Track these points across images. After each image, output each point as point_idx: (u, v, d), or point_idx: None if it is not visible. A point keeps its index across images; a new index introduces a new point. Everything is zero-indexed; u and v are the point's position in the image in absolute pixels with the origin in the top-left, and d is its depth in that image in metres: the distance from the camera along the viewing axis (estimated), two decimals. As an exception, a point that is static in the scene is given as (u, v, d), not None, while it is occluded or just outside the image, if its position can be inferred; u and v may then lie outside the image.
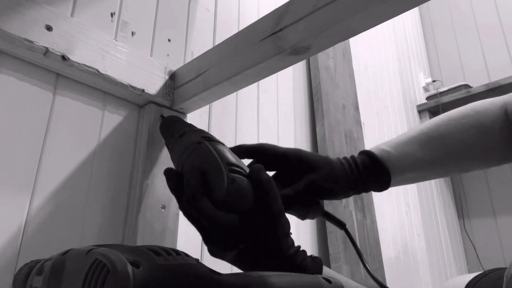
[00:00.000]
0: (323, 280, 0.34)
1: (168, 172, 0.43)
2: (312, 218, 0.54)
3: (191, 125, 0.54)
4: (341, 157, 0.55)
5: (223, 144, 0.47)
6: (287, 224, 0.41)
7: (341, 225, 0.54)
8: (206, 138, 0.46)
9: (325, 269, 0.42)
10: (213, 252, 0.42)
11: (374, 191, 0.54)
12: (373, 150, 0.54)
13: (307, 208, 0.52)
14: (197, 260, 0.30)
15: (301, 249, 0.41)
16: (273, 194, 0.40)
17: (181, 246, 0.68)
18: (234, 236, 0.39)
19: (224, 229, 0.38)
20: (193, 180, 0.40)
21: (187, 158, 0.44)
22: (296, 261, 0.40)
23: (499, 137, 0.52)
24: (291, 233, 0.41)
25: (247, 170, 0.43)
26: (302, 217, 0.53)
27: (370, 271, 0.48)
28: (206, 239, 0.41)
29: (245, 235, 0.39)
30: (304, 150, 0.53)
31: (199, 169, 0.41)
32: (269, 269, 0.38)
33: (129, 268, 0.24)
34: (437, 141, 0.53)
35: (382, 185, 0.53)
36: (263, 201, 0.39)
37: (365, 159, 0.53)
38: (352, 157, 0.54)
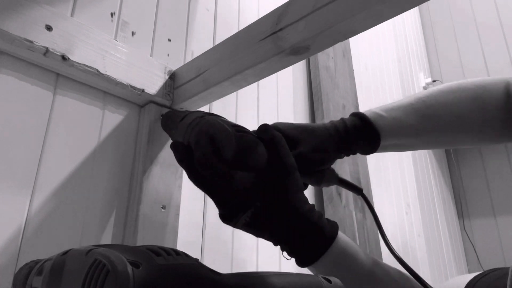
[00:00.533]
0: (323, 280, 0.34)
1: (174, 144, 0.43)
2: (327, 185, 0.53)
3: (189, 111, 0.54)
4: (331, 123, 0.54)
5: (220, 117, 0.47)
6: (300, 179, 0.40)
7: (358, 190, 0.53)
8: (208, 114, 0.46)
9: (340, 234, 0.41)
10: (225, 217, 0.40)
11: (361, 153, 0.53)
12: (366, 113, 0.52)
13: (321, 174, 0.51)
14: (197, 260, 0.30)
15: (315, 208, 0.41)
16: (285, 149, 0.40)
17: (181, 246, 0.68)
18: (248, 195, 0.38)
19: (238, 187, 0.38)
20: (202, 141, 0.39)
21: (192, 131, 0.44)
22: (311, 218, 0.39)
23: (498, 115, 0.51)
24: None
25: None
26: (317, 183, 0.52)
27: (389, 243, 0.47)
28: (219, 202, 0.40)
29: (259, 192, 0.38)
30: (283, 126, 0.51)
31: (206, 133, 0.40)
32: (284, 230, 0.38)
33: (129, 268, 0.24)
34: (434, 110, 0.52)
35: (371, 147, 0.52)
36: (276, 156, 0.39)
37: (356, 121, 0.51)
38: (342, 119, 0.52)
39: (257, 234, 0.40)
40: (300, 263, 0.40)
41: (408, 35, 2.41)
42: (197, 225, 0.76)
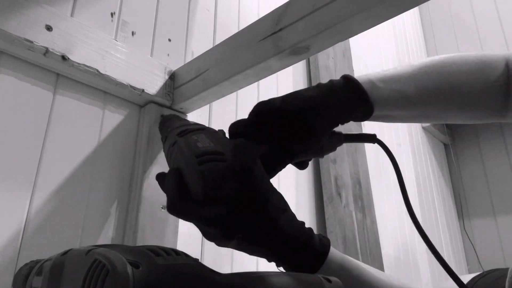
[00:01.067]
0: (323, 280, 0.34)
1: (158, 178, 0.41)
2: (333, 149, 0.49)
3: (178, 122, 0.50)
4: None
5: (203, 129, 0.44)
6: (281, 200, 0.38)
7: (371, 138, 0.49)
8: (180, 134, 0.44)
9: (333, 251, 0.40)
10: (216, 244, 0.39)
11: (352, 121, 0.49)
12: (360, 80, 0.47)
13: (323, 144, 0.47)
14: (197, 260, 0.30)
15: (305, 226, 0.39)
16: (257, 173, 0.36)
17: (181, 246, 0.68)
18: (228, 227, 0.36)
19: (216, 223, 0.36)
20: (169, 185, 0.37)
21: (169, 161, 0.44)
22: (300, 239, 0.37)
23: (499, 90, 0.50)
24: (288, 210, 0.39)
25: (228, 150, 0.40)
26: (319, 154, 0.48)
27: (410, 207, 0.45)
28: (204, 235, 0.39)
29: (238, 223, 0.36)
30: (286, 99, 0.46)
31: (174, 172, 0.38)
32: (274, 253, 0.37)
33: (129, 268, 0.24)
34: (432, 80, 0.49)
35: (362, 117, 0.48)
36: (248, 183, 0.36)
37: (345, 86, 0.46)
38: (333, 88, 0.46)
39: (251, 254, 0.39)
40: None
41: (408, 35, 2.41)
42: (197, 225, 0.76)
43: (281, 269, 0.39)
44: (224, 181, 0.36)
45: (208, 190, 0.36)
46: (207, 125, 0.52)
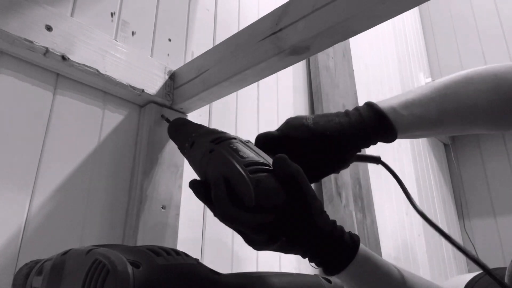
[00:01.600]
0: (323, 280, 0.34)
1: (194, 185, 0.42)
2: (347, 167, 0.53)
3: (197, 127, 0.52)
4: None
5: (235, 139, 0.45)
6: (320, 204, 0.41)
7: (376, 160, 0.53)
8: (216, 141, 0.45)
9: (362, 247, 0.42)
10: (256, 248, 0.41)
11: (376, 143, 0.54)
12: (385, 110, 0.51)
13: (335, 172, 0.52)
14: (197, 260, 0.30)
15: (335, 223, 0.42)
16: (304, 184, 0.39)
17: (181, 246, 0.68)
18: (275, 232, 0.39)
19: (264, 229, 0.38)
20: (220, 197, 0.39)
21: (206, 169, 0.43)
22: (334, 236, 0.40)
23: None
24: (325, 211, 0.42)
25: (269, 159, 0.42)
26: (337, 172, 0.53)
27: (419, 209, 0.48)
28: (248, 241, 0.41)
29: (285, 228, 0.39)
30: (301, 133, 0.50)
31: (221, 181, 0.40)
32: (310, 250, 0.39)
33: (129, 268, 0.24)
34: (453, 102, 0.51)
35: (386, 141, 0.52)
36: (296, 193, 0.39)
37: (373, 118, 0.50)
38: (360, 115, 0.51)
39: (287, 253, 0.41)
40: (327, 272, 0.42)
41: (408, 35, 2.41)
42: (197, 225, 0.76)
43: (313, 264, 0.41)
44: (274, 191, 0.39)
45: (261, 199, 0.38)
46: (206, 126, 0.53)
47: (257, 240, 0.40)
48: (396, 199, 1.63)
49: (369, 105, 0.52)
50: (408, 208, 1.72)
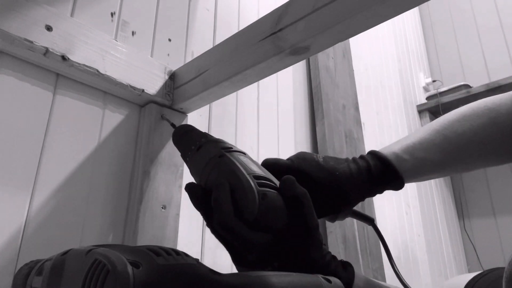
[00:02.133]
0: (323, 280, 0.34)
1: (191, 188, 0.40)
2: (342, 219, 0.53)
3: (206, 134, 0.50)
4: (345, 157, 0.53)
5: (245, 154, 0.44)
6: (320, 236, 0.39)
7: (369, 221, 0.54)
8: (226, 150, 0.43)
9: (358, 275, 0.41)
10: (241, 268, 0.40)
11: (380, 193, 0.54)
12: (389, 157, 0.51)
13: (336, 213, 0.52)
14: (197, 260, 0.30)
15: (331, 255, 0.41)
16: (309, 209, 0.38)
17: (181, 246, 0.68)
18: (268, 256, 0.37)
19: (257, 249, 0.36)
20: (223, 201, 0.37)
21: (210, 173, 0.41)
22: (329, 268, 0.39)
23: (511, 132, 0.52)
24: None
25: (276, 181, 0.40)
26: (332, 220, 0.53)
27: (397, 271, 0.48)
28: (236, 260, 0.39)
29: (279, 253, 0.37)
30: (309, 167, 0.49)
31: (226, 186, 0.38)
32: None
33: (129, 268, 0.24)
34: (454, 143, 0.52)
35: (392, 189, 0.53)
36: (299, 217, 0.38)
37: (379, 165, 0.51)
38: (368, 165, 0.51)
39: None
40: None
41: (408, 35, 2.41)
42: (198, 226, 0.76)
43: None
44: (278, 210, 0.37)
45: (263, 214, 0.36)
46: (207, 126, 0.53)
47: (246, 259, 0.38)
48: (396, 199, 1.63)
49: (373, 154, 0.52)
50: (408, 208, 1.72)
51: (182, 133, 0.52)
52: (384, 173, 0.51)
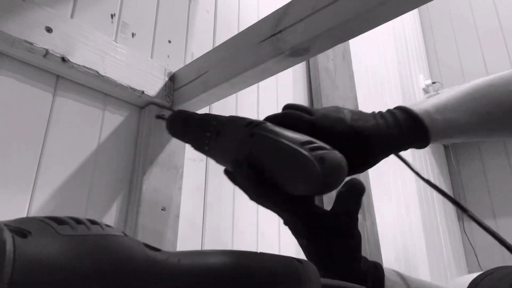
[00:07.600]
0: (295, 261, 0.31)
1: (237, 162, 0.40)
2: (361, 172, 0.52)
3: (210, 115, 0.46)
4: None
5: (265, 122, 0.41)
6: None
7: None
8: (251, 126, 0.40)
9: (387, 272, 0.43)
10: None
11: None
12: (421, 115, 0.50)
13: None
14: (123, 232, 0.24)
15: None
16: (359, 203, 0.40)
17: (181, 246, 0.68)
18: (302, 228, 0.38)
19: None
20: (291, 179, 0.37)
21: (250, 156, 0.38)
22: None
23: None
24: None
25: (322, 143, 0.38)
26: (358, 172, 0.52)
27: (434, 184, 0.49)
28: (288, 223, 0.42)
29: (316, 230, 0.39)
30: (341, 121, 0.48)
31: (276, 166, 0.36)
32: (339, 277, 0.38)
33: (7, 235, 0.19)
34: (485, 108, 0.51)
35: (417, 147, 0.52)
36: (353, 205, 0.40)
37: (410, 123, 0.49)
38: (397, 120, 0.50)
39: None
40: None
41: (408, 37, 2.42)
42: (197, 227, 0.76)
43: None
44: (341, 166, 0.36)
45: (329, 176, 0.35)
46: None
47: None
48: (396, 200, 1.63)
49: (403, 109, 0.50)
50: (408, 208, 1.72)
51: (181, 122, 0.47)
52: (414, 131, 0.49)
